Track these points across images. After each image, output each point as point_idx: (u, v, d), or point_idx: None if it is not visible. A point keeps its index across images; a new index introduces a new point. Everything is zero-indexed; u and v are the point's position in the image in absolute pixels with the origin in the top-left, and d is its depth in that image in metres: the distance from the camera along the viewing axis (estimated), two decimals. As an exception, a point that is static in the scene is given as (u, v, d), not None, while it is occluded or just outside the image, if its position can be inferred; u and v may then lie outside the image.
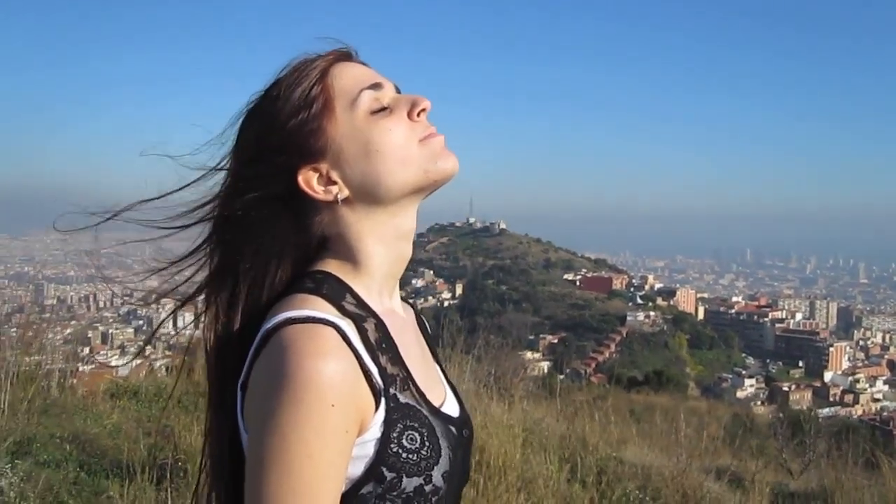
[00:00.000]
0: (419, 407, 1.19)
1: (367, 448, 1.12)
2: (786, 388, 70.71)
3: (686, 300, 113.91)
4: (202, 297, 1.29)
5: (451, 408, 1.31)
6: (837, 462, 8.16)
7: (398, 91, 1.29)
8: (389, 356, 1.19)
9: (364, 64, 1.31)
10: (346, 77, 1.25)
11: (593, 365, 72.03)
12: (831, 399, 69.60)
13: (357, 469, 1.12)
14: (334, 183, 1.24)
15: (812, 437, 10.27)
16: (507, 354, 13.51)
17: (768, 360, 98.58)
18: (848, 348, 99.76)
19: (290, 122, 1.22)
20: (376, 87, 1.25)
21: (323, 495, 1.06)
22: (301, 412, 1.04)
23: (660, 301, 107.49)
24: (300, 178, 1.23)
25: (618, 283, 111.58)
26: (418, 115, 1.25)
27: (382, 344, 1.19)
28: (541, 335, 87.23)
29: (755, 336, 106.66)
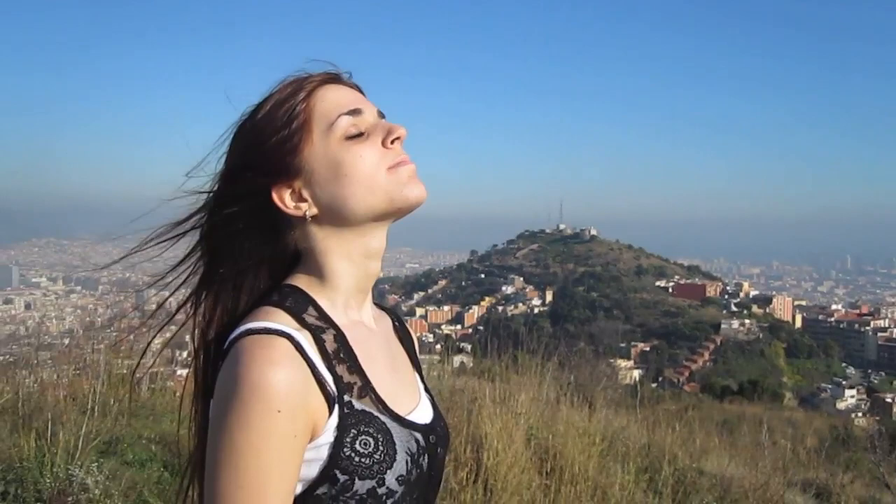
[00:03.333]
0: (377, 413, 1.24)
1: (320, 451, 1.19)
2: (889, 400, 68.05)
3: (783, 308, 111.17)
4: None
5: (422, 415, 1.37)
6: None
7: (382, 117, 1.35)
8: (347, 365, 1.25)
9: (354, 87, 1.37)
10: (328, 101, 1.30)
11: (686, 374, 70.83)
12: (938, 412, 66.83)
13: (312, 471, 1.19)
14: (305, 200, 1.30)
15: (914, 451, 9.84)
16: (594, 362, 13.44)
17: (870, 371, 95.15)
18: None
19: (269, 140, 1.28)
20: (355, 112, 1.30)
21: (270, 492, 1.13)
22: (250, 416, 1.12)
23: (755, 309, 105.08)
24: (274, 194, 1.29)
25: (711, 291, 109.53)
26: (392, 142, 1.30)
27: (340, 354, 1.25)
28: (632, 343, 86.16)
29: (856, 345, 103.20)
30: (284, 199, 1.29)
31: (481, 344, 12.03)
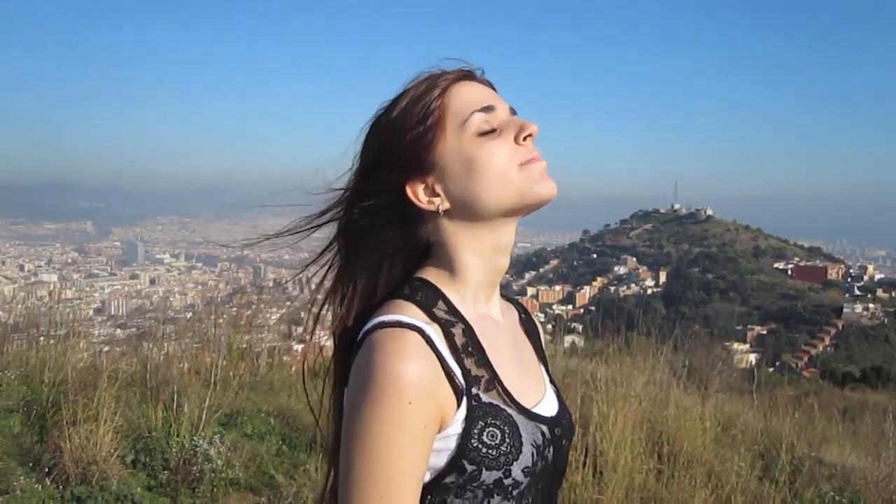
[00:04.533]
0: (503, 406, 1.27)
1: (449, 442, 1.22)
2: None
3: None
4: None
5: (547, 407, 1.39)
6: None
7: (514, 113, 1.36)
8: (475, 359, 1.28)
9: (487, 84, 1.39)
10: (461, 98, 1.32)
11: (805, 359, 68.50)
12: None
13: (440, 461, 1.23)
14: (438, 195, 1.32)
15: None
16: (709, 345, 13.14)
17: None
18: None
19: (405, 137, 1.31)
20: (488, 109, 1.32)
21: (401, 482, 1.17)
22: (382, 407, 1.16)
23: (880, 293, 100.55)
24: (408, 189, 1.32)
25: (833, 273, 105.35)
26: (524, 139, 1.31)
27: (469, 348, 1.28)
28: (748, 326, 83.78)
29: None
30: (418, 194, 1.32)
31: (592, 325, 11.93)
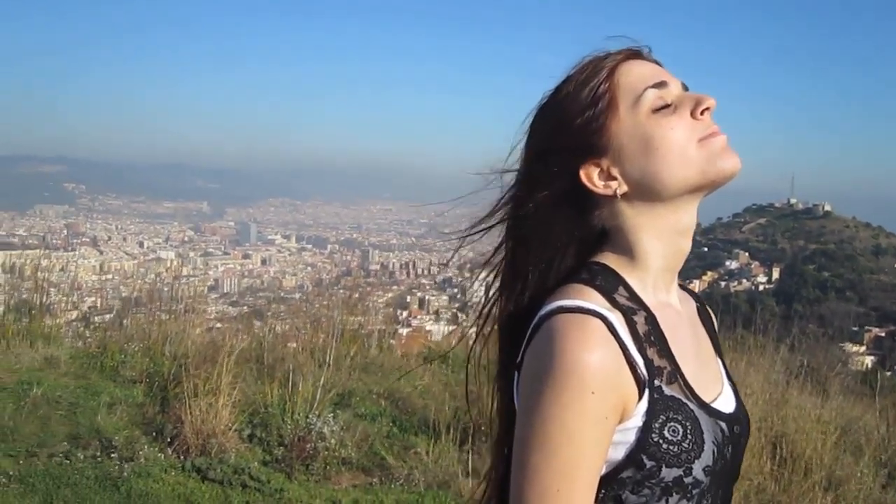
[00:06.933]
0: (685, 400, 1.20)
1: (628, 435, 1.16)
2: None
3: None
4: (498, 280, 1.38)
5: (725, 404, 1.31)
6: None
7: (686, 89, 1.29)
8: (657, 349, 1.21)
9: (655, 62, 1.32)
10: (632, 75, 1.27)
11: (927, 363, 65.52)
12: None
13: (618, 454, 1.16)
14: (614, 178, 1.26)
15: None
16: (827, 345, 12.68)
17: None
18: None
19: (576, 121, 1.25)
20: (661, 85, 1.26)
21: (581, 474, 1.11)
22: (563, 397, 1.11)
23: None
24: (582, 174, 1.26)
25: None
26: (701, 113, 1.24)
27: (651, 337, 1.21)
28: (866, 327, 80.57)
29: None
30: (593, 179, 1.26)
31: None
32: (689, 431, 1.18)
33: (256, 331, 8.43)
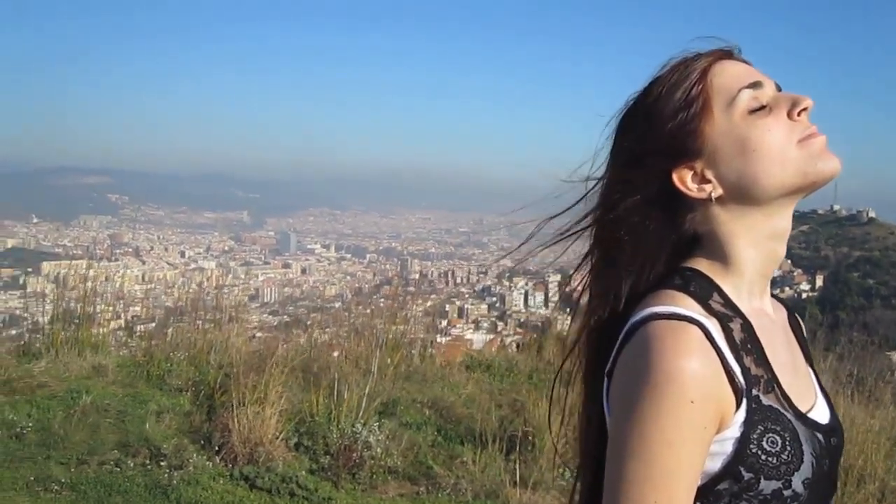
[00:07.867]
0: (783, 410, 1.17)
1: (725, 445, 1.13)
2: None
3: None
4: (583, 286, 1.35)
5: (820, 414, 1.26)
6: None
7: (779, 89, 1.26)
8: (754, 357, 1.18)
9: (746, 62, 1.29)
10: (726, 76, 1.24)
11: (976, 372, 64.25)
12: None
13: (715, 465, 1.13)
14: (708, 181, 1.23)
15: None
16: (875, 353, 12.46)
17: None
18: None
19: (669, 124, 1.23)
20: (756, 85, 1.23)
21: (678, 485, 1.08)
22: (662, 406, 1.08)
23: None
24: (675, 177, 1.24)
25: None
26: (799, 114, 1.21)
27: (747, 345, 1.18)
28: (912, 335, 79.47)
29: None
30: (686, 182, 1.23)
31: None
32: (787, 443, 1.14)
33: (301, 340, 8.47)
